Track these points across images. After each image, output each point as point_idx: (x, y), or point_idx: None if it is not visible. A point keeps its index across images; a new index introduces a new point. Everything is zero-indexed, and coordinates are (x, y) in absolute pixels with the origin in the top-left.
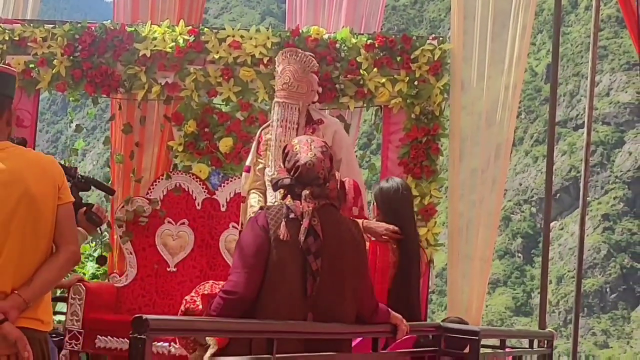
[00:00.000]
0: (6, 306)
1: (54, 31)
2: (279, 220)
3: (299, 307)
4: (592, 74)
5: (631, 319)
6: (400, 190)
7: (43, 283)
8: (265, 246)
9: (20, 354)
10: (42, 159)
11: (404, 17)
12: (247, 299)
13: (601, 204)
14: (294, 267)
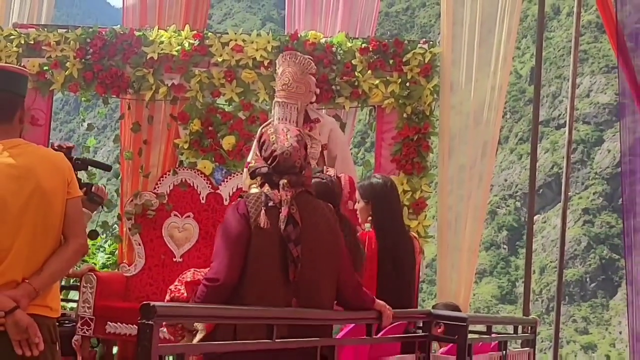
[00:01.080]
0: (18, 294)
1: (67, 35)
2: (258, 208)
3: (283, 293)
4: (573, 76)
5: (609, 307)
6: (387, 185)
7: (52, 273)
8: (246, 234)
9: (30, 340)
10: (53, 155)
11: (396, 22)
12: (229, 285)
13: (582, 198)
14: (275, 254)
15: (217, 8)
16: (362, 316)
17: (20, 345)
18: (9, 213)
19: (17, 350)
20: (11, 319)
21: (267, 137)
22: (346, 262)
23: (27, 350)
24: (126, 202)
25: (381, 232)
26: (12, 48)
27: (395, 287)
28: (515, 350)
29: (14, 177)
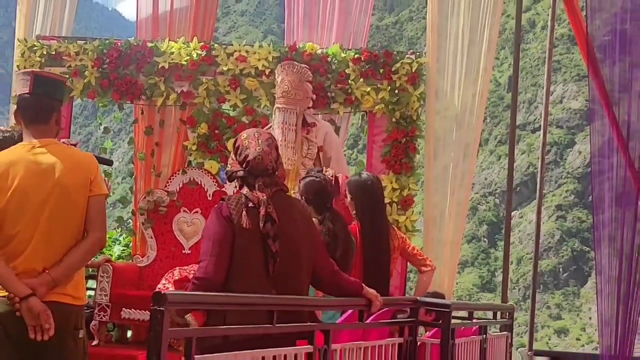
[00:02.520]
0: (36, 283)
1: (85, 47)
2: (240, 209)
3: (264, 286)
4: (548, 84)
5: (580, 295)
6: (372, 181)
7: (70, 264)
8: (230, 234)
9: (42, 325)
10: (78, 154)
11: (386, 35)
12: (217, 282)
13: (555, 196)
14: (256, 251)
15: (222, 22)
16: (353, 303)
17: (35, 330)
18: (30, 206)
19: (30, 335)
20: (25, 305)
21: (241, 142)
22: (321, 250)
23: (39, 335)
24: (140, 199)
25: (363, 225)
26: (35, 58)
27: (375, 272)
28: (495, 334)
29: (37, 172)
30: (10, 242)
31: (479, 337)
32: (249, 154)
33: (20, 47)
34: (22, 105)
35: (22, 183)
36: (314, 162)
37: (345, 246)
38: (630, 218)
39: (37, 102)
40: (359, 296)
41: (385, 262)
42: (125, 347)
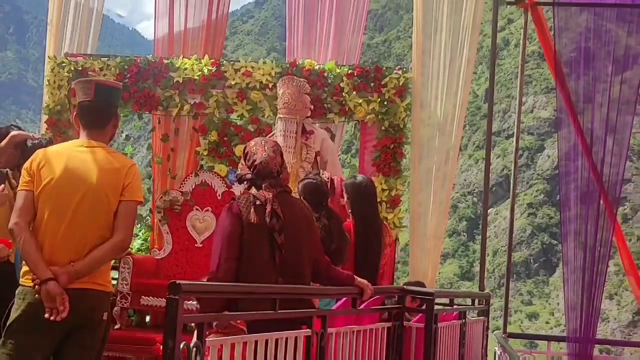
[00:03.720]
0: (59, 271)
1: (108, 63)
2: (248, 207)
3: (271, 274)
4: (520, 95)
5: (549, 283)
6: (366, 184)
7: (93, 260)
8: (238, 230)
9: (57, 308)
10: (119, 160)
11: (376, 52)
12: (228, 274)
13: (527, 195)
14: (263, 243)
15: (230, 40)
16: (346, 292)
17: (51, 312)
18: (67, 204)
19: (46, 315)
20: (44, 288)
21: (250, 149)
22: (319, 246)
23: (55, 316)
24: (157, 198)
25: (357, 222)
26: (63, 73)
27: (367, 264)
28: (473, 319)
29: (76, 170)
30: (39, 230)
31: (459, 322)
32: (256, 159)
33: (50, 64)
34: (83, 111)
35: (59, 176)
36: (312, 165)
37: (339, 240)
38: (593, 215)
39: (97, 108)
40: (352, 285)
41: (377, 255)
42: (144, 331)
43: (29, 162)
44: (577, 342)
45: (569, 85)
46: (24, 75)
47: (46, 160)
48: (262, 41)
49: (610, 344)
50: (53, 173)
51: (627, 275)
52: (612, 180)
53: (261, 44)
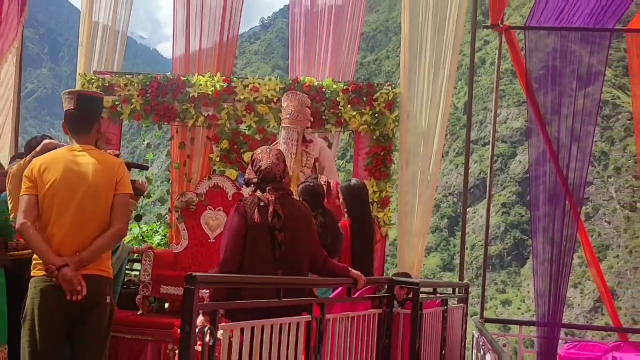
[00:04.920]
0: (68, 259)
1: (132, 79)
2: (253, 208)
3: (272, 267)
4: (495, 108)
5: (521, 273)
6: (360, 186)
7: (96, 248)
8: (244, 227)
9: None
10: (110, 159)
11: (368, 70)
12: (234, 265)
13: (501, 196)
14: (265, 240)
15: (239, 59)
16: (342, 282)
17: (71, 293)
18: (70, 202)
19: (67, 297)
20: (61, 273)
21: (256, 156)
22: (316, 241)
23: (75, 296)
24: (174, 199)
25: (352, 220)
26: (92, 89)
27: (362, 257)
28: (453, 306)
29: (74, 171)
30: (47, 228)
31: (441, 308)
32: (261, 165)
33: (81, 80)
34: (68, 118)
35: (60, 178)
36: (311, 170)
37: (333, 235)
38: (559, 213)
39: (80, 116)
40: (347, 277)
41: (369, 250)
42: (164, 316)
43: (29, 170)
44: (546, 326)
45: (538, 99)
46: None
47: (46, 166)
48: (267, 60)
49: (574, 328)
50: (54, 176)
51: (589, 267)
52: (576, 183)
53: (267, 62)
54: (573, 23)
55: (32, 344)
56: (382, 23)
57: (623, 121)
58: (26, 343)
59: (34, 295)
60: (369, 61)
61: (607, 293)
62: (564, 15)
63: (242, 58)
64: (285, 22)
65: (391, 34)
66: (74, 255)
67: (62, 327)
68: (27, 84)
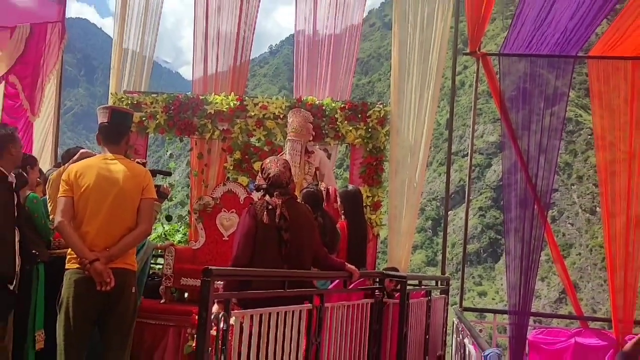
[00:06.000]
0: (99, 254)
1: (157, 98)
2: (262, 210)
3: (278, 262)
4: (473, 124)
5: (495, 268)
6: (356, 192)
7: (124, 245)
8: (254, 228)
9: (104, 280)
10: (137, 168)
11: (362, 90)
12: (245, 260)
13: (478, 201)
14: (273, 239)
15: (250, 81)
16: (339, 275)
17: (101, 284)
18: (102, 204)
19: (97, 287)
20: (92, 266)
21: (265, 165)
22: (318, 240)
23: (104, 287)
24: (194, 202)
25: (348, 221)
26: (122, 106)
27: (356, 254)
28: (436, 296)
29: (105, 177)
30: (81, 226)
31: (425, 298)
32: (270, 173)
33: (113, 98)
34: (102, 130)
35: (93, 183)
36: (312, 177)
37: (332, 234)
38: (529, 216)
39: (113, 128)
40: (343, 271)
41: (363, 248)
42: (183, 304)
43: (66, 175)
44: (516, 314)
45: (510, 117)
46: (91, 107)
47: (82, 172)
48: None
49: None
50: (88, 181)
51: (555, 263)
52: (544, 190)
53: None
54: (541, 51)
55: (67, 327)
56: (375, 50)
57: (585, 136)
58: (61, 326)
59: (69, 286)
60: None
61: (570, 286)
62: (533, 44)
63: (253, 80)
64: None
65: (383, 59)
66: (104, 250)
67: (92, 313)
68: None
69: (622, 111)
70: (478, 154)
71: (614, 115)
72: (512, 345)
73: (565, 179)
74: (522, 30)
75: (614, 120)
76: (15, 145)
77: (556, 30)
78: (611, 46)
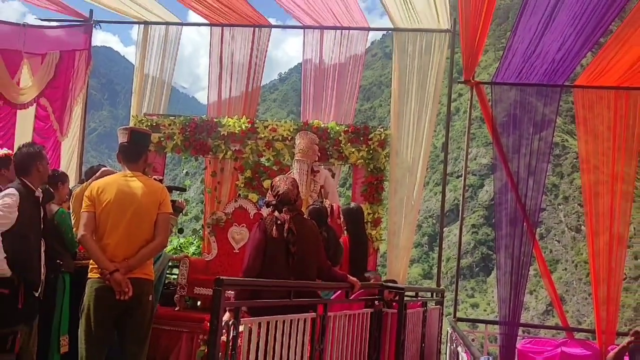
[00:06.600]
0: (119, 265)
1: (175, 120)
2: (272, 225)
3: (286, 274)
4: (467, 147)
5: (487, 282)
6: (358, 209)
7: (142, 256)
8: (264, 242)
9: (122, 290)
10: (154, 184)
11: (364, 115)
12: (255, 272)
13: (471, 218)
14: (281, 251)
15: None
16: (341, 286)
17: (120, 293)
18: (122, 218)
19: (117, 296)
20: (112, 277)
21: (275, 183)
22: (322, 253)
23: (122, 296)
24: (207, 217)
25: (350, 236)
26: (144, 127)
27: (358, 266)
28: (432, 307)
29: (125, 193)
30: (102, 238)
31: (422, 309)
32: (279, 190)
33: (134, 120)
34: (122, 149)
35: (114, 198)
36: (318, 195)
37: (335, 248)
38: (518, 233)
39: (132, 148)
40: (345, 282)
41: (364, 261)
42: (197, 312)
43: (89, 191)
44: (506, 325)
45: (501, 141)
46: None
47: (103, 188)
48: (283, 107)
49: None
50: (109, 196)
51: (542, 277)
52: (532, 209)
53: (283, 108)
54: (530, 80)
55: (88, 331)
56: (376, 78)
57: (570, 160)
58: (83, 331)
59: (90, 293)
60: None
61: (557, 299)
62: (523, 74)
63: (263, 105)
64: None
65: (383, 87)
66: (124, 261)
67: (111, 319)
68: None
69: (605, 137)
70: (471, 175)
71: (597, 140)
72: (503, 353)
73: (553, 199)
74: (513, 61)
75: (598, 145)
76: (43, 162)
77: (544, 61)
78: (595, 77)
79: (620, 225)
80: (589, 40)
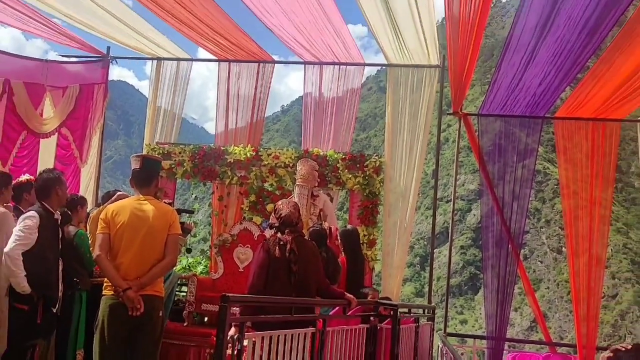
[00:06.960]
0: (131, 283)
1: (185, 149)
2: (275, 246)
3: (287, 291)
4: (455, 174)
5: (475, 299)
6: (354, 231)
7: (153, 274)
8: (267, 261)
9: (135, 307)
10: (165, 207)
11: (361, 144)
12: (260, 289)
13: (460, 240)
14: (283, 270)
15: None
16: (339, 303)
17: (132, 310)
18: (134, 239)
19: (130, 312)
20: (125, 294)
21: (278, 206)
22: (322, 272)
23: (135, 313)
24: (214, 239)
25: (347, 257)
26: (156, 155)
27: (354, 284)
28: (423, 323)
29: (138, 216)
30: (116, 258)
31: (414, 325)
32: (282, 213)
33: (147, 148)
34: (134, 175)
35: (127, 221)
36: (317, 218)
37: (333, 267)
38: (504, 254)
39: (144, 174)
40: (343, 299)
41: (360, 279)
42: (204, 327)
43: (104, 214)
44: (493, 339)
45: (488, 168)
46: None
47: (117, 211)
48: (285, 136)
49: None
50: (123, 219)
51: (527, 295)
52: (517, 232)
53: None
54: (514, 112)
55: (102, 345)
56: (371, 110)
57: (552, 186)
58: (97, 344)
59: (105, 309)
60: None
61: (540, 316)
62: (507, 106)
63: (267, 134)
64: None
65: (378, 118)
66: (136, 279)
67: (124, 333)
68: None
69: (583, 164)
70: (460, 200)
71: (576, 168)
72: None
73: (535, 223)
74: (498, 94)
75: (577, 173)
76: (62, 187)
77: (527, 95)
78: (574, 109)
79: (599, 247)
80: (568, 75)
